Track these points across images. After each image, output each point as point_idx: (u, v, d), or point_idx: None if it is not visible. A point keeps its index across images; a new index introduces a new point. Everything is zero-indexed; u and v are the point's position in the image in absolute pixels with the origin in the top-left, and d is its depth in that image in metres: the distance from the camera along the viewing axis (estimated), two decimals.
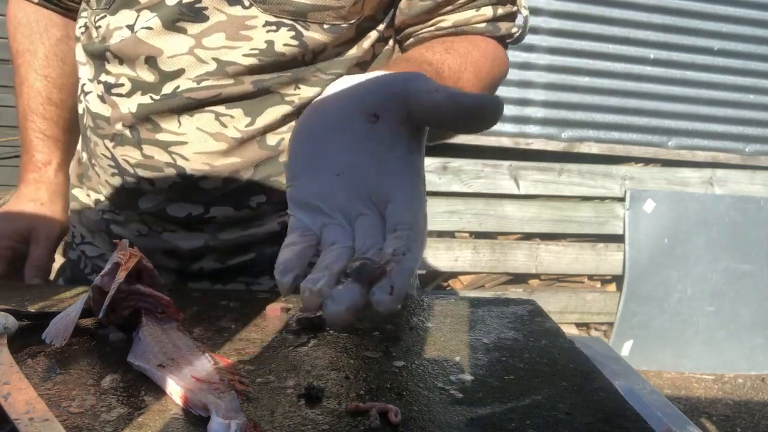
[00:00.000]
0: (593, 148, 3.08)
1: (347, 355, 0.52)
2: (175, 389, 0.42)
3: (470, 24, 0.74)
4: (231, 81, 0.68)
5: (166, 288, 0.56)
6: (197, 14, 0.66)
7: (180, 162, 0.70)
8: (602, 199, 3.08)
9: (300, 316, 0.59)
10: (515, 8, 0.78)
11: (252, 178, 0.72)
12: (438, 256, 2.94)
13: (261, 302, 0.65)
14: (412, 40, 0.76)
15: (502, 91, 3.19)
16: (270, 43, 0.67)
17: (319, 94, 0.71)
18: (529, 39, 2.94)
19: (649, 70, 3.06)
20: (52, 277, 0.86)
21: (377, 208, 0.40)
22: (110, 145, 0.73)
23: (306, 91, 0.71)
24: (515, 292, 3.04)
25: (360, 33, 0.72)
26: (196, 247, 0.74)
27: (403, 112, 0.42)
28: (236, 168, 0.71)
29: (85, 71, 0.75)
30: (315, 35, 0.68)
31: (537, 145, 3.04)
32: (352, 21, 0.69)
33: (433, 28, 0.74)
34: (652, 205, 3.00)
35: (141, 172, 0.72)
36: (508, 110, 2.99)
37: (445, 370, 0.50)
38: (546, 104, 3.01)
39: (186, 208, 0.72)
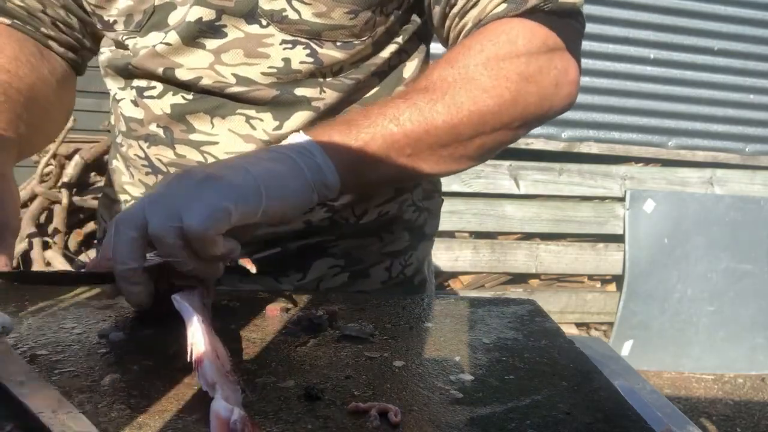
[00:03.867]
0: (593, 148, 3.08)
1: (347, 354, 0.52)
2: (198, 345, 0.43)
3: (487, 14, 0.65)
4: (255, 87, 0.69)
5: None
6: (216, 31, 0.67)
7: (211, 161, 0.71)
8: (602, 199, 3.08)
9: (300, 316, 0.59)
10: None
11: None
12: (438, 256, 2.94)
13: (261, 302, 0.65)
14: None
15: None
16: (287, 60, 0.68)
17: (342, 100, 0.71)
18: None
19: (649, 70, 3.06)
20: (36, 269, 0.86)
21: None
22: (144, 145, 0.74)
23: (330, 96, 0.71)
24: (515, 291, 3.04)
25: (377, 47, 0.73)
26: None
27: None
28: None
29: (115, 82, 0.77)
30: (330, 52, 0.69)
31: (537, 144, 3.04)
32: (365, 38, 0.70)
33: (461, 35, 0.70)
34: (652, 205, 3.00)
35: (174, 170, 0.73)
36: None
37: (445, 370, 0.50)
38: None
39: None
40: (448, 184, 2.92)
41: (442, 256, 2.94)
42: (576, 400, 0.45)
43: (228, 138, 0.71)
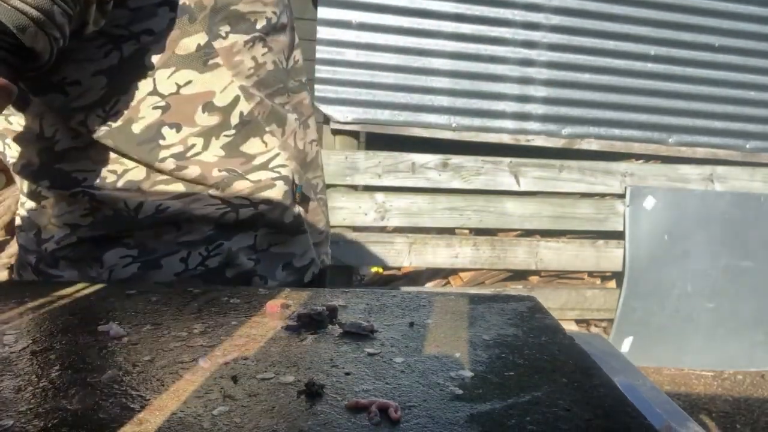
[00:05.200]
0: (593, 145, 3.08)
1: (347, 351, 0.52)
2: None
3: None
4: None
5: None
6: None
7: None
8: (602, 195, 3.08)
9: (300, 312, 0.59)
10: None
11: None
12: (438, 253, 2.94)
13: (261, 299, 0.65)
14: None
15: (502, 88, 3.17)
16: None
17: None
18: (530, 35, 2.94)
19: (649, 66, 3.05)
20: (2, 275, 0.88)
21: None
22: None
23: None
24: (515, 288, 3.04)
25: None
26: None
27: None
28: None
29: None
30: None
31: (537, 141, 3.04)
32: None
33: None
34: (653, 202, 3.00)
35: None
36: (509, 107, 2.99)
37: (445, 367, 0.50)
38: (546, 101, 3.01)
39: None
40: (448, 180, 2.92)
41: (442, 252, 2.94)
42: (576, 397, 0.45)
43: None
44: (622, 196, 3.03)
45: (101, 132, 0.71)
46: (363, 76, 2.84)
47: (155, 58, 0.70)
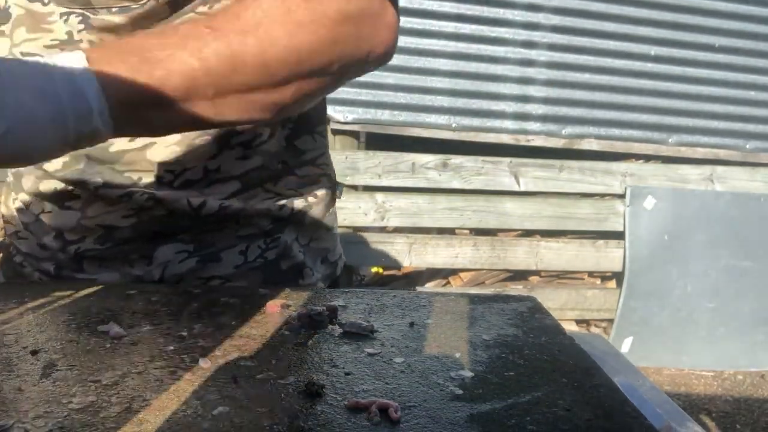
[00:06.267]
0: (594, 145, 3.08)
1: (347, 351, 0.52)
2: None
3: None
4: None
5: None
6: (5, 13, 0.67)
7: None
8: (602, 195, 3.07)
9: (300, 312, 0.59)
10: None
11: None
12: (438, 253, 2.94)
13: (261, 299, 0.65)
14: None
15: (502, 88, 3.17)
16: (69, 33, 0.66)
17: None
18: (530, 35, 2.94)
19: (649, 66, 3.05)
20: None
21: None
22: None
23: None
24: (515, 288, 3.04)
25: (176, 8, 0.66)
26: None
27: None
28: None
29: None
30: (106, 18, 0.64)
31: (537, 141, 3.03)
32: (143, 2, 0.63)
33: None
34: (653, 202, 3.00)
35: None
36: (509, 107, 2.99)
37: (445, 367, 0.50)
38: (546, 101, 3.01)
39: None
40: (448, 180, 2.92)
41: (443, 252, 2.94)
42: (576, 397, 0.45)
43: None
44: (622, 196, 3.03)
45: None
46: (363, 76, 2.84)
47: None
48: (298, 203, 0.81)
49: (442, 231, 3.01)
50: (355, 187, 2.91)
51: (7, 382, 0.44)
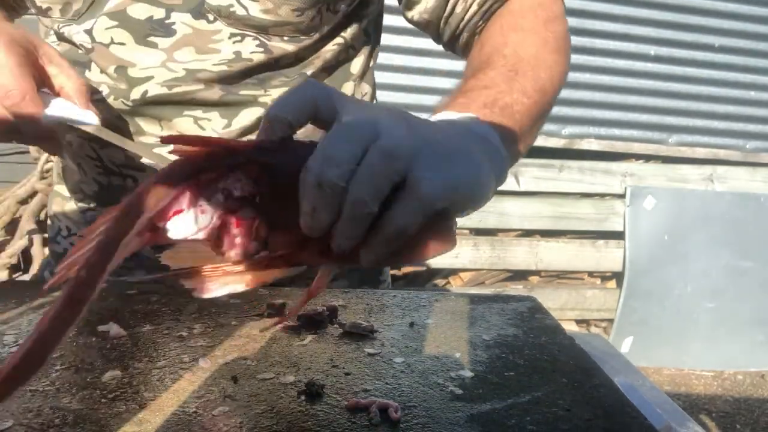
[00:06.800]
0: (594, 145, 3.08)
1: (347, 351, 0.52)
2: None
3: None
4: (201, 86, 0.69)
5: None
6: (167, 29, 0.68)
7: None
8: (602, 195, 3.07)
9: (300, 312, 0.59)
10: None
11: None
12: None
13: (261, 299, 0.65)
14: (465, 35, 0.73)
15: None
16: (237, 53, 0.69)
17: None
18: None
19: (649, 66, 3.05)
20: (36, 266, 0.87)
21: None
22: (96, 146, 0.74)
23: (275, 93, 0.72)
24: (515, 288, 3.04)
25: (324, 42, 0.74)
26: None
27: None
28: None
29: None
30: (279, 44, 0.70)
31: (537, 141, 3.01)
32: (312, 34, 0.71)
33: (465, 17, 0.71)
34: (653, 202, 3.00)
35: (126, 171, 0.73)
36: None
37: (445, 367, 0.50)
38: None
39: None
40: None
41: None
42: (576, 397, 0.45)
43: None
44: (622, 196, 3.03)
45: None
46: None
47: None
48: None
49: None
50: None
51: None
